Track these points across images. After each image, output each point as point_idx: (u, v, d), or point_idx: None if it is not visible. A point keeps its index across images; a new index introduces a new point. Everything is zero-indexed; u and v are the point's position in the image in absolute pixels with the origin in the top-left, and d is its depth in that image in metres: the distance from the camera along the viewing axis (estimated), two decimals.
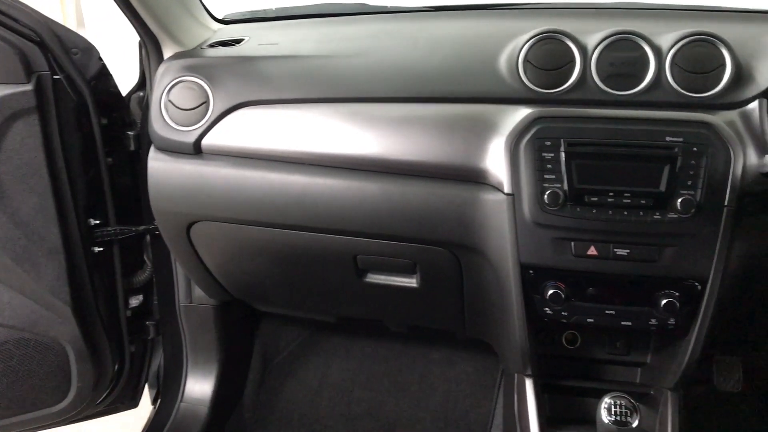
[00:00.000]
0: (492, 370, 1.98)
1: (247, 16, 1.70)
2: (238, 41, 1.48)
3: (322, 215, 1.32)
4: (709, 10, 1.48)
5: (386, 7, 1.69)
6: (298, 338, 2.14)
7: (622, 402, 1.05)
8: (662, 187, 1.13)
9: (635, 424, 1.03)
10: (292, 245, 1.41)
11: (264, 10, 1.73)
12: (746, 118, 1.17)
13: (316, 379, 2.07)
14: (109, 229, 1.55)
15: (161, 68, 1.39)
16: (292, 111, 1.32)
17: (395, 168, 1.27)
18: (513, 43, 1.27)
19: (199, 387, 1.84)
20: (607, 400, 1.06)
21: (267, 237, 1.40)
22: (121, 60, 1.71)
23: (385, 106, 1.29)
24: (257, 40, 1.48)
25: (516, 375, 1.36)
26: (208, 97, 1.34)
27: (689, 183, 1.13)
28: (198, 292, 1.72)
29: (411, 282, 1.42)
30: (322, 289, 1.56)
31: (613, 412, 1.04)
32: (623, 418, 1.04)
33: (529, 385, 1.33)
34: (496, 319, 1.36)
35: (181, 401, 1.83)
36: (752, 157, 1.13)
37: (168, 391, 1.85)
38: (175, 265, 1.71)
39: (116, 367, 1.66)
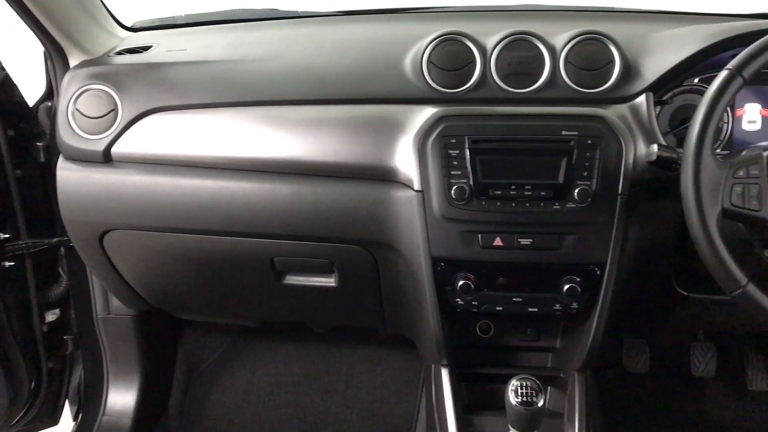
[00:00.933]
0: (416, 365, 2.02)
1: (155, 23, 1.69)
2: (145, 48, 1.47)
3: (236, 219, 1.33)
4: (601, 11, 1.57)
5: (296, 12, 1.71)
6: (222, 345, 2.13)
7: (528, 383, 1.10)
8: (560, 179, 1.19)
9: (540, 403, 1.08)
10: (208, 250, 1.41)
11: (173, 17, 1.72)
12: (635, 111, 1.25)
13: (242, 384, 2.06)
14: (20, 242, 1.52)
15: (67, 77, 1.37)
16: (201, 116, 1.33)
17: (307, 169, 1.29)
18: (417, 46, 1.31)
19: (121, 399, 1.81)
20: (513, 383, 1.10)
21: (182, 243, 1.40)
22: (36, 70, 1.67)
23: (295, 109, 1.31)
24: (166, 47, 1.48)
25: (433, 366, 1.41)
26: (116, 104, 1.34)
27: (585, 174, 1.19)
28: (116, 303, 1.70)
29: (329, 281, 1.44)
30: (242, 293, 1.57)
31: (519, 394, 1.09)
32: (529, 399, 1.09)
33: (445, 374, 1.37)
34: (413, 312, 1.40)
35: (103, 414, 1.80)
36: (642, 148, 1.21)
37: (89, 405, 1.81)
38: (91, 276, 1.68)
39: (33, 384, 1.62)
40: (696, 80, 1.32)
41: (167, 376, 2.00)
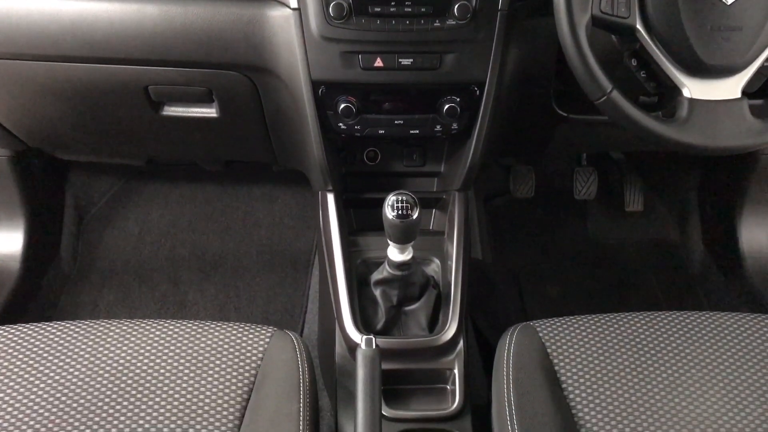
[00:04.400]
0: (314, 202, 2.05)
1: None
2: None
3: (101, 43, 1.24)
4: None
5: None
6: (112, 188, 2.08)
7: (404, 197, 1.12)
8: None
9: (415, 216, 1.11)
10: (76, 80, 1.32)
11: None
12: None
13: (136, 226, 2.04)
14: None
15: None
16: None
17: None
18: None
19: (6, 243, 1.76)
20: (390, 198, 1.12)
21: (46, 73, 1.31)
22: None
23: None
24: None
25: (320, 192, 1.42)
26: None
27: None
28: None
29: (210, 112, 1.39)
30: (120, 127, 1.50)
31: (395, 208, 1.11)
32: (405, 212, 1.12)
33: (330, 199, 1.38)
34: (299, 141, 1.38)
35: None
36: None
37: None
38: None
39: None
40: None
41: (56, 219, 1.95)
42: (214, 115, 1.40)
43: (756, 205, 1.84)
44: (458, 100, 1.25)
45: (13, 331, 1.08)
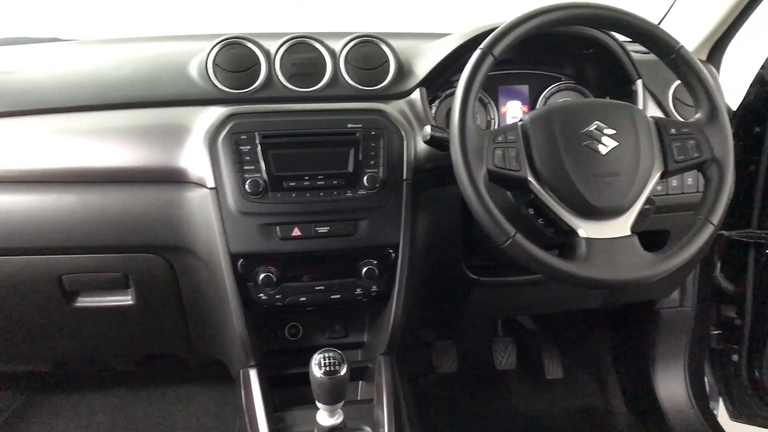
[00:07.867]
0: (233, 399, 1.96)
1: None
2: None
3: (16, 234, 1.24)
4: (385, 34, 1.69)
5: (79, 40, 1.67)
6: (12, 403, 1.93)
7: (330, 354, 1.11)
8: (350, 168, 1.26)
9: (343, 372, 1.10)
10: None
11: None
12: (412, 104, 1.36)
13: None
14: None
15: None
16: None
17: (92, 176, 1.25)
18: (202, 52, 1.34)
19: None
20: (316, 357, 1.11)
21: None
22: None
23: (77, 116, 1.27)
24: None
25: (242, 371, 1.37)
26: None
27: (372, 162, 1.27)
28: None
29: (126, 299, 1.38)
30: (29, 324, 1.44)
31: (323, 365, 1.10)
32: (332, 368, 1.10)
33: (253, 375, 1.34)
34: (218, 320, 1.37)
35: None
36: (421, 139, 1.31)
37: None
38: None
39: None
40: None
41: None
42: (130, 302, 1.38)
43: (666, 359, 1.91)
44: (375, 262, 1.31)
45: None
